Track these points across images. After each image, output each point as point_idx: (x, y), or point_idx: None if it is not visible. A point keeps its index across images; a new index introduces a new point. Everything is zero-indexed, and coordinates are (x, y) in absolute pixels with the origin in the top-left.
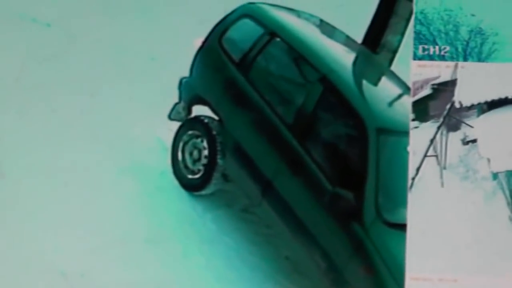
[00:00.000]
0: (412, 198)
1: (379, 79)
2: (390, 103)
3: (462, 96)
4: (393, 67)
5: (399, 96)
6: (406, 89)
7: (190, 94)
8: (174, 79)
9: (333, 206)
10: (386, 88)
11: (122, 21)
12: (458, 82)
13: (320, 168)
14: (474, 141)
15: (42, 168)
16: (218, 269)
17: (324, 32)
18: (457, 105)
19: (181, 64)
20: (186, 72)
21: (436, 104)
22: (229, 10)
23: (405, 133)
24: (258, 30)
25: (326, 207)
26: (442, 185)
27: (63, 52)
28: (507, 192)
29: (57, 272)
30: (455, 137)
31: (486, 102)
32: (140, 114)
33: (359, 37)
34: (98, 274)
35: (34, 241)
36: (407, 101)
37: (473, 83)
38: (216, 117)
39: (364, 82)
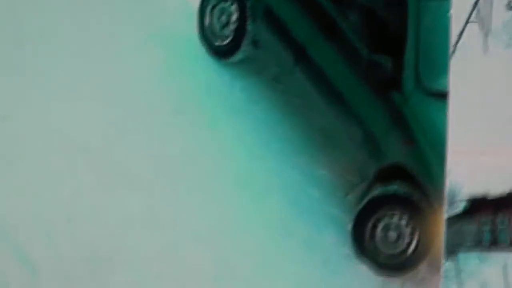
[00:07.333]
0: (454, 65)
1: None
2: None
3: None
4: None
5: None
6: None
7: None
8: None
9: (370, 73)
10: None
11: None
12: None
13: (357, 33)
14: None
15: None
16: (245, 141)
17: None
18: None
19: None
20: None
21: None
22: None
23: None
24: None
25: (362, 75)
26: (486, 51)
27: None
28: None
29: (78, 146)
30: (500, 1)
31: None
32: None
33: None
34: (122, 147)
35: (54, 115)
36: None
37: None
38: None
39: None
